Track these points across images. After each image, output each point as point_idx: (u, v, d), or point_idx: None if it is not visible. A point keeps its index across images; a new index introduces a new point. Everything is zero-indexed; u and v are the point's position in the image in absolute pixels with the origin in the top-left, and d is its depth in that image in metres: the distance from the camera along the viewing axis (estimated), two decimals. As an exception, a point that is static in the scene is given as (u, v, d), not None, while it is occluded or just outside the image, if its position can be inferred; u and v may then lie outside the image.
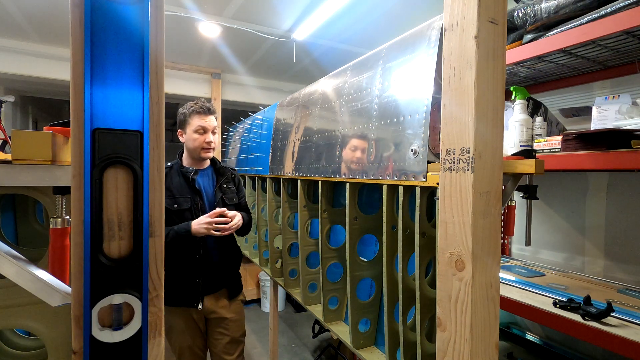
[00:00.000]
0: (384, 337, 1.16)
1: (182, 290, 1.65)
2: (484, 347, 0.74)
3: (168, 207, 1.60)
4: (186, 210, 1.64)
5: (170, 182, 1.66)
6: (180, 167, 1.72)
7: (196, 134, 1.67)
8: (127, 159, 0.54)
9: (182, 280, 1.64)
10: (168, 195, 1.62)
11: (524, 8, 1.45)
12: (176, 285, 1.62)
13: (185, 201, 1.65)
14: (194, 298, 1.66)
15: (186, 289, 1.65)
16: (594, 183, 1.69)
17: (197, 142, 1.67)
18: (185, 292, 1.66)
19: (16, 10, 2.59)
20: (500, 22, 0.74)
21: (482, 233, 0.73)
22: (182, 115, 1.73)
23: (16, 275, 0.61)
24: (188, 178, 1.68)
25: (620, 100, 1.33)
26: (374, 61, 1.24)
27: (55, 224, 0.81)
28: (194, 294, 1.66)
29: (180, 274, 1.64)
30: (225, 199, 1.76)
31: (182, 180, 1.68)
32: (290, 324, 3.68)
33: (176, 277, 1.62)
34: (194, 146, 1.68)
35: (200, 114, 1.68)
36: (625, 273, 1.57)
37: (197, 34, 2.98)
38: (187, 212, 1.64)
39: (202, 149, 1.69)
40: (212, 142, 1.70)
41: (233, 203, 1.79)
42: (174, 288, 1.61)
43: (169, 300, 1.62)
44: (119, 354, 0.55)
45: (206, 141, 1.68)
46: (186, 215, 1.64)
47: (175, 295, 1.63)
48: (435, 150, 0.95)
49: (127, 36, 0.54)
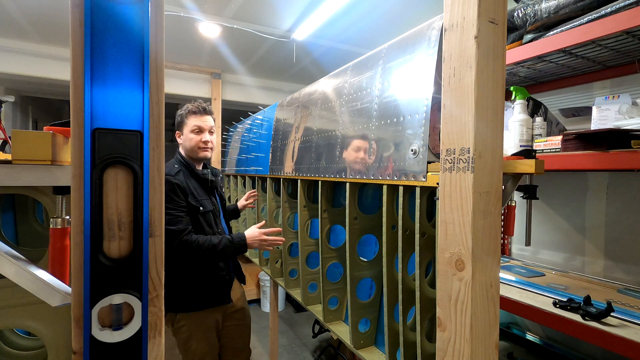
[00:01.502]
0: (384, 337, 1.16)
1: (217, 288, 1.67)
2: (484, 347, 0.74)
3: (197, 208, 1.60)
4: (210, 212, 1.66)
5: (187, 184, 1.63)
6: (193, 169, 1.72)
7: (192, 134, 1.68)
8: (127, 159, 0.54)
9: (217, 279, 1.66)
10: (194, 197, 1.62)
11: (524, 8, 1.44)
12: (211, 285, 1.64)
13: (208, 203, 1.66)
14: (226, 294, 1.70)
15: (220, 286, 1.68)
16: (594, 183, 1.69)
17: (194, 142, 1.68)
18: (220, 289, 1.68)
19: (16, 10, 2.59)
20: (500, 22, 0.74)
21: (482, 233, 0.73)
22: (179, 117, 1.74)
23: (16, 275, 0.61)
24: (205, 180, 1.69)
25: (620, 100, 1.33)
26: (374, 61, 1.24)
27: (55, 224, 0.81)
28: (226, 289, 1.70)
29: (215, 273, 1.65)
30: (223, 196, 1.87)
31: (197, 182, 1.68)
32: (290, 324, 3.68)
33: (211, 278, 1.64)
34: (190, 146, 1.68)
35: (196, 113, 1.68)
36: (625, 273, 1.57)
37: (197, 34, 2.98)
38: (211, 213, 1.66)
39: (198, 148, 1.69)
40: (209, 141, 1.70)
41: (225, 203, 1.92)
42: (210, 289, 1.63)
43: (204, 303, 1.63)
44: (119, 354, 0.55)
45: (202, 140, 1.68)
46: (210, 216, 1.65)
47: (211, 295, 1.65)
48: (435, 150, 0.95)
49: (127, 36, 0.54)
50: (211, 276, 1.64)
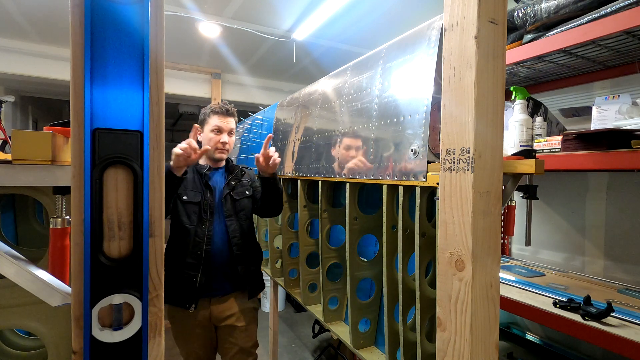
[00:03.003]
0: (384, 337, 1.16)
1: (180, 287, 1.59)
2: (484, 347, 0.74)
3: (178, 196, 1.60)
4: (195, 204, 1.63)
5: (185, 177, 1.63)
6: (196, 165, 1.70)
7: (212, 134, 1.68)
8: (127, 159, 0.54)
9: (181, 277, 1.59)
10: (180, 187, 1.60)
11: (524, 8, 1.44)
12: (175, 281, 1.58)
13: (196, 195, 1.64)
14: (188, 298, 1.58)
15: (183, 286, 1.59)
16: (594, 183, 1.69)
17: (212, 142, 1.68)
18: (182, 289, 1.59)
19: (16, 10, 2.59)
20: (500, 22, 0.74)
21: (482, 233, 0.73)
22: (202, 115, 1.74)
23: (16, 275, 0.61)
24: (202, 174, 1.68)
25: (620, 100, 1.33)
26: (374, 61, 1.24)
27: (55, 224, 0.81)
28: (190, 292, 1.58)
29: (180, 269, 1.59)
30: (233, 195, 1.70)
31: (196, 177, 1.68)
32: (290, 324, 3.68)
33: (176, 273, 1.59)
34: (208, 145, 1.68)
35: (219, 114, 1.69)
36: (625, 273, 1.57)
37: (197, 34, 2.98)
38: (196, 205, 1.63)
39: (216, 148, 1.68)
40: (226, 143, 1.69)
41: (244, 196, 1.74)
42: (174, 284, 1.58)
43: (168, 298, 1.58)
44: (119, 354, 0.55)
45: (220, 141, 1.68)
46: (194, 209, 1.63)
47: (173, 292, 1.58)
48: (435, 150, 0.95)
49: (127, 36, 0.54)
50: (174, 270, 1.58)
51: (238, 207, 1.71)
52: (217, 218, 1.66)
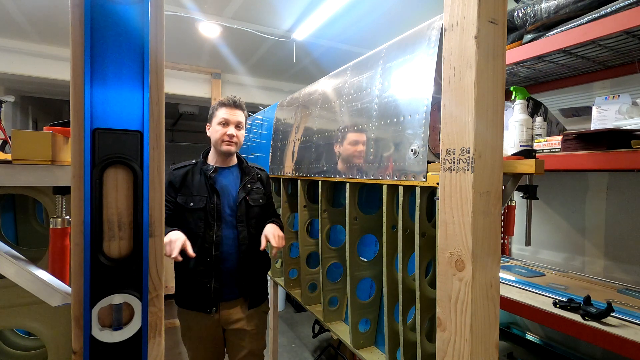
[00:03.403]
0: (384, 337, 1.16)
1: (196, 293, 1.59)
2: (484, 347, 0.74)
3: (183, 205, 1.55)
4: (200, 210, 1.57)
5: (191, 179, 1.60)
6: (202, 165, 1.65)
7: (219, 126, 1.61)
8: (127, 159, 0.54)
9: (195, 284, 1.58)
10: (185, 193, 1.57)
11: (524, 8, 1.45)
12: (191, 288, 1.58)
13: (201, 200, 1.57)
14: (207, 303, 1.58)
15: (199, 292, 1.59)
16: (594, 183, 1.69)
17: (218, 134, 1.61)
18: (199, 296, 1.59)
19: (16, 10, 2.59)
20: (500, 22, 0.74)
21: (482, 233, 0.73)
22: (211, 109, 1.69)
23: (16, 275, 0.61)
24: (207, 176, 1.61)
25: (620, 100, 1.33)
26: (374, 61, 1.24)
27: (55, 224, 0.81)
28: (207, 298, 1.58)
29: (193, 277, 1.58)
30: (249, 200, 1.64)
31: (202, 179, 1.62)
32: (290, 324, 3.68)
33: (190, 280, 1.58)
34: (215, 138, 1.63)
35: (226, 105, 1.62)
36: (625, 273, 1.57)
37: (197, 34, 2.98)
38: (201, 211, 1.57)
39: (222, 141, 1.61)
40: (233, 135, 1.61)
41: (258, 204, 1.68)
42: (189, 291, 1.58)
43: (186, 303, 1.61)
44: (119, 354, 0.55)
45: (227, 133, 1.60)
46: (200, 215, 1.57)
47: (191, 298, 1.60)
48: (435, 150, 0.95)
49: (127, 36, 0.54)
50: (188, 277, 1.58)
51: (251, 214, 1.65)
52: (227, 223, 1.60)
